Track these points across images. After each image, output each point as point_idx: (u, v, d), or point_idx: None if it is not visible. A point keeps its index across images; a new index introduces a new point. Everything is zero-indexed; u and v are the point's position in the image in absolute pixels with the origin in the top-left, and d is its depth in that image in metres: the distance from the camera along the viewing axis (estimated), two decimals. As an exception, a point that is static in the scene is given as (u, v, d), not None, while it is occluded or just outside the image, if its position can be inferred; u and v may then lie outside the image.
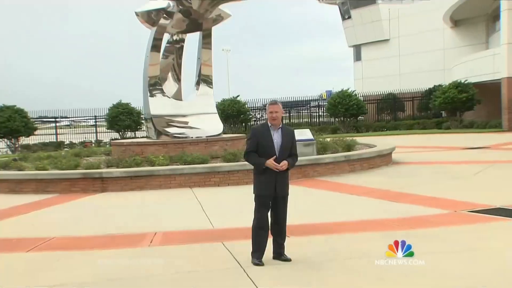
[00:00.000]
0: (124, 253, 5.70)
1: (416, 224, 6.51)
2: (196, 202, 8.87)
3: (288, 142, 4.98)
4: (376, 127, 31.71)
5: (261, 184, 4.87)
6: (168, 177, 10.66)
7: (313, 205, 8.29)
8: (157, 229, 6.77)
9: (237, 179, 10.71)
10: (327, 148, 13.23)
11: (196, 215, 7.76)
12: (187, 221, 7.31)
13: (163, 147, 13.23)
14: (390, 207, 7.69)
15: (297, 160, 5.16)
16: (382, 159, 13.15)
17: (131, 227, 6.99)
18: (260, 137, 4.90)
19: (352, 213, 7.39)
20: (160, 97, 14.61)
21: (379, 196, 8.67)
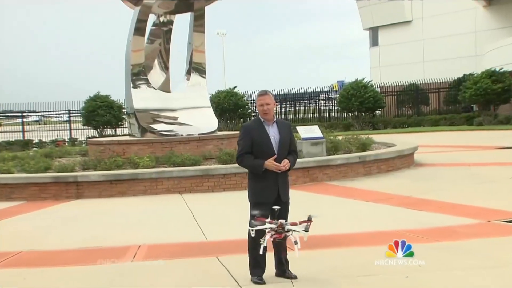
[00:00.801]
0: (102, 270, 5.71)
1: (441, 235, 6.52)
2: (187, 210, 8.88)
3: (286, 137, 4.96)
4: (396, 123, 31.76)
5: (261, 190, 4.85)
6: (154, 181, 10.67)
7: (321, 214, 8.29)
8: (141, 241, 6.78)
9: (234, 183, 10.72)
10: (339, 147, 13.25)
11: (186, 225, 7.77)
12: (176, 232, 7.32)
13: (148, 147, 13.24)
14: (411, 216, 7.70)
15: (297, 157, 5.16)
16: (402, 160, 13.17)
17: (111, 239, 7.01)
18: (255, 135, 4.85)
19: (367, 223, 7.40)
20: (144, 89, 14.64)
21: (399, 203, 8.69)
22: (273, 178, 4.84)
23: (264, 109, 4.85)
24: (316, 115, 37.09)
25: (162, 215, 8.67)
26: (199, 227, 7.55)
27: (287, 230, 4.54)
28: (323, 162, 11.66)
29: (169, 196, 10.42)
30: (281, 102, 36.53)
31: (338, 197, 9.69)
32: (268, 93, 4.95)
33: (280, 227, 4.53)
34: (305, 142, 12.57)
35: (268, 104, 4.86)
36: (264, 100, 4.88)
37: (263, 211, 4.89)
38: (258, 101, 4.91)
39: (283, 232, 4.54)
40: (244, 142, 4.86)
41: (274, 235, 4.52)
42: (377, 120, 32.33)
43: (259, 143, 4.81)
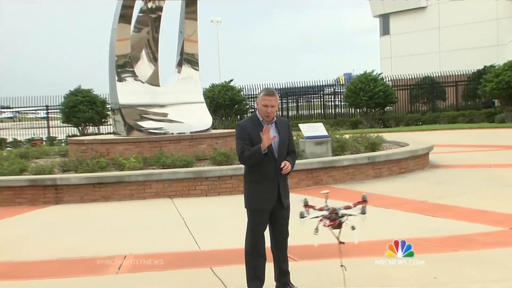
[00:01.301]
0: (84, 283, 5.71)
1: (458, 244, 6.53)
2: (178, 217, 8.88)
3: (285, 137, 4.96)
4: (409, 120, 31.80)
5: (259, 194, 4.85)
6: (141, 184, 10.68)
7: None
8: (127, 251, 6.78)
9: (229, 187, 10.73)
10: (346, 147, 13.27)
11: (177, 233, 7.77)
12: (166, 241, 7.32)
13: (135, 146, 13.24)
14: (426, 223, 7.71)
15: (296, 158, 5.17)
16: (416, 161, 13.19)
17: (93, 249, 7.01)
18: (252, 134, 4.83)
19: (377, 230, 7.41)
20: (131, 82, 14.64)
21: (412, 209, 8.70)
22: (274, 181, 4.83)
23: (268, 111, 4.84)
24: (320, 112, 37.13)
25: (150, 222, 8.67)
26: (191, 235, 7.55)
27: (341, 216, 4.54)
28: (328, 163, 11.67)
29: (158, 200, 10.43)
30: (282, 97, 36.53)
31: (345, 202, 9.69)
32: (275, 94, 4.94)
33: (333, 213, 4.54)
34: (308, 141, 12.58)
35: (273, 107, 4.86)
36: (270, 101, 4.83)
37: (263, 219, 4.89)
38: (262, 100, 4.86)
39: (337, 219, 4.52)
40: (243, 139, 4.85)
41: (328, 223, 4.51)
42: (388, 117, 32.36)
43: (257, 143, 4.79)
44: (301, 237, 6.71)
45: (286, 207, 4.96)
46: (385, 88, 31.35)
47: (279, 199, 4.87)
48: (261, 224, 4.90)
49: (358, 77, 32.57)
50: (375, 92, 30.76)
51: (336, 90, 38.50)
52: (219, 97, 30.83)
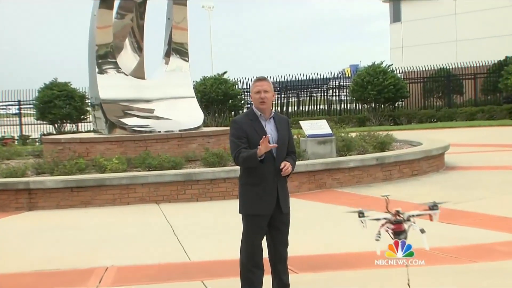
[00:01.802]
0: (61, 297, 5.70)
1: (477, 255, 6.54)
2: (166, 224, 8.88)
3: (285, 135, 4.95)
4: (422, 117, 31.83)
5: (256, 197, 4.84)
6: (125, 188, 10.67)
7: (330, 228, 8.31)
8: (109, 262, 6.77)
9: (223, 191, 10.74)
10: (352, 146, 13.28)
11: (165, 242, 7.76)
12: (153, 251, 7.32)
13: (118, 146, 13.23)
14: (441, 231, 7.71)
15: (296, 158, 5.16)
16: (430, 162, 13.21)
17: (71, 260, 7.00)
18: (249, 131, 4.83)
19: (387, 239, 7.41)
20: (113, 74, 14.62)
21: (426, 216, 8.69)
22: (271, 183, 4.83)
23: (262, 96, 4.83)
24: (324, 107, 37.12)
25: (134, 230, 8.66)
26: (181, 244, 7.54)
27: (407, 218, 4.48)
28: (332, 165, 11.68)
29: (144, 206, 10.42)
30: (281, 91, 36.51)
31: (350, 208, 9.68)
32: (267, 80, 4.97)
33: (397, 215, 4.47)
34: (310, 140, 12.59)
35: (267, 92, 4.85)
36: (262, 86, 4.86)
37: (260, 226, 4.89)
38: (254, 87, 4.89)
39: (402, 222, 4.46)
40: (238, 138, 4.83)
41: (392, 227, 4.46)
42: (399, 113, 32.38)
43: (254, 141, 4.79)
44: (301, 246, 6.73)
45: (286, 212, 4.95)
46: (396, 81, 31.35)
47: (278, 204, 4.87)
48: (258, 231, 4.89)
49: (365, 69, 32.56)
50: (385, 86, 30.76)
51: (341, 83, 38.47)
52: (211, 91, 30.81)
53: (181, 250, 7.26)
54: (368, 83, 31.05)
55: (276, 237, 4.95)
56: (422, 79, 35.89)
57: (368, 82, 31.06)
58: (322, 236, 7.82)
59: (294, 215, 5.07)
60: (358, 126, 29.29)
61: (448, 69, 35.91)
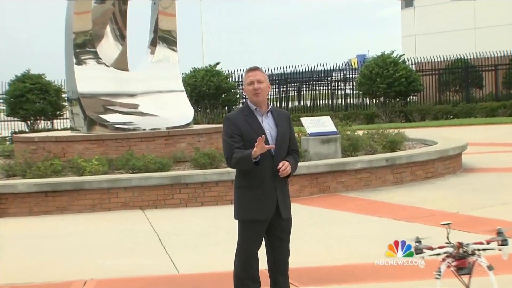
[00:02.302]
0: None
1: (500, 266, 6.45)
2: (151, 232, 8.87)
3: (285, 132, 4.92)
4: (437, 113, 31.84)
5: (253, 202, 4.85)
6: (106, 192, 10.66)
7: (334, 236, 8.31)
8: (87, 275, 6.76)
9: (215, 195, 10.73)
10: (359, 146, 13.28)
11: (151, 252, 7.76)
12: (137, 262, 7.31)
13: (98, 145, 13.20)
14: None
15: (299, 159, 5.14)
16: (446, 163, 13.22)
17: (45, 273, 6.97)
18: (244, 129, 4.81)
19: (398, 249, 7.42)
20: (92, 66, 14.59)
21: (441, 223, 8.70)
22: (269, 185, 4.81)
23: (255, 87, 4.81)
24: (327, 102, 37.12)
25: (116, 239, 8.64)
26: (168, 255, 7.54)
27: (471, 253, 4.33)
28: (337, 166, 11.67)
29: (127, 212, 10.40)
30: (280, 84, 36.51)
31: (357, 214, 9.70)
32: (260, 69, 4.94)
33: (460, 248, 4.34)
34: (312, 139, 12.59)
35: (261, 82, 4.83)
36: (255, 76, 4.84)
37: (257, 234, 4.88)
38: (246, 78, 4.88)
39: (466, 257, 4.30)
40: (232, 137, 4.81)
41: (454, 262, 4.31)
42: (412, 108, 32.39)
43: (250, 139, 4.76)
44: (302, 256, 6.72)
45: (286, 218, 4.92)
46: (408, 73, 31.33)
47: (277, 209, 4.85)
48: (255, 240, 4.88)
49: (374, 60, 32.53)
50: (395, 78, 30.74)
51: (347, 75, 38.50)
52: (202, 84, 30.77)
53: (169, 261, 7.24)
54: (377, 75, 31.03)
55: (275, 246, 4.94)
56: (437, 70, 35.91)
57: (377, 74, 31.04)
58: (325, 245, 7.81)
59: (295, 221, 5.06)
60: (365, 123, 29.29)
61: (466, 59, 35.92)
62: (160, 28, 15.27)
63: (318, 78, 38.22)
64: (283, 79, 36.90)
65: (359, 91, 33.81)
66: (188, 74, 31.75)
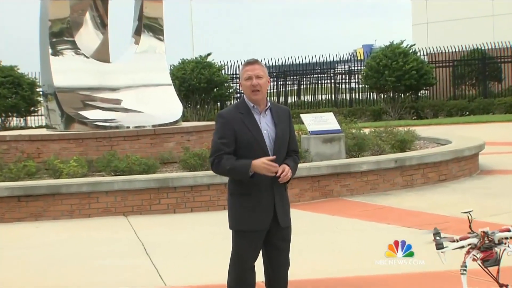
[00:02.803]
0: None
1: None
2: (136, 241, 8.87)
3: (285, 132, 4.90)
4: (452, 109, 31.88)
5: (249, 209, 4.81)
6: (85, 197, 10.64)
7: (338, 245, 8.32)
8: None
9: (207, 200, 10.73)
10: (365, 146, 13.29)
11: (135, 263, 7.74)
12: (120, 275, 7.30)
13: (76, 145, 13.19)
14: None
15: (299, 161, 5.12)
16: (461, 164, 13.23)
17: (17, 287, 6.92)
18: (238, 128, 4.78)
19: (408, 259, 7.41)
20: (70, 57, 14.57)
21: (456, 231, 8.66)
22: (268, 193, 4.79)
23: (254, 84, 4.76)
24: (330, 97, 37.14)
25: (97, 249, 8.62)
26: (154, 266, 7.53)
27: (499, 242, 4.25)
28: (341, 168, 11.66)
29: (109, 219, 10.38)
30: (278, 77, 36.50)
31: (363, 221, 9.70)
32: (259, 62, 4.89)
33: (485, 239, 4.25)
34: (314, 138, 12.59)
35: (260, 78, 4.79)
36: (253, 70, 4.80)
37: (253, 244, 4.87)
38: (243, 73, 4.82)
39: (493, 247, 4.22)
40: (222, 138, 4.79)
41: (480, 254, 4.22)
42: (423, 104, 32.43)
43: (246, 141, 4.76)
44: (302, 268, 6.72)
45: (285, 227, 4.91)
46: (419, 65, 31.36)
47: (276, 217, 4.83)
48: (250, 251, 4.87)
49: (382, 50, 32.55)
50: (406, 71, 30.76)
51: (352, 68, 38.55)
52: (192, 77, 30.76)
53: (155, 273, 7.23)
54: (385, 68, 31.05)
55: (274, 257, 4.93)
56: (452, 62, 35.93)
57: (385, 66, 31.06)
58: (328, 255, 7.82)
59: (294, 229, 5.06)
60: (372, 121, 29.33)
61: (484, 50, 35.92)
62: (145, 15, 15.25)
63: (320, 70, 38.23)
64: (282, 72, 36.91)
65: (365, 85, 33.86)
66: (177, 66, 31.76)
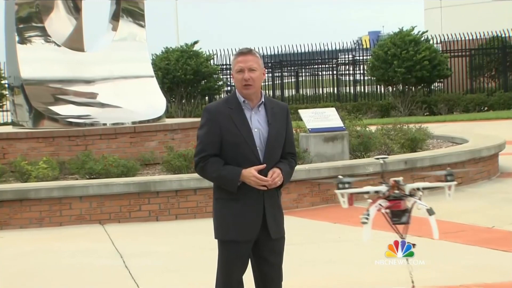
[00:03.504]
0: None
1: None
2: (114, 253, 8.87)
3: (279, 131, 4.88)
4: (469, 104, 31.86)
5: (235, 217, 4.82)
6: (57, 203, 10.62)
7: (340, 257, 8.32)
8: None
9: (193, 206, 10.74)
10: (371, 145, 13.32)
11: (113, 278, 7.75)
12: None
13: (46, 144, 13.16)
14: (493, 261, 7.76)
15: (296, 164, 5.11)
16: (479, 166, 13.23)
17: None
18: (226, 125, 4.77)
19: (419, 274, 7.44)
20: (39, 45, 14.54)
21: (473, 240, 8.74)
22: (255, 199, 4.78)
23: (246, 78, 4.75)
24: (332, 91, 37.14)
25: (69, 262, 8.60)
26: (134, 281, 7.53)
27: (410, 193, 4.35)
28: (344, 170, 11.60)
29: (83, 228, 10.37)
30: (274, 68, 36.48)
31: (370, 230, 9.71)
32: (254, 53, 4.86)
33: (395, 188, 4.32)
34: (314, 137, 12.59)
35: (253, 71, 4.77)
36: (246, 62, 4.77)
37: (240, 256, 4.87)
38: (235, 64, 4.80)
39: (403, 198, 4.31)
40: (208, 136, 4.80)
41: (388, 204, 4.31)
42: (436, 98, 32.39)
43: (232, 140, 4.77)
44: (298, 283, 6.75)
45: (276, 238, 4.89)
46: (432, 54, 31.33)
47: (265, 226, 4.83)
48: (237, 263, 4.89)
49: (390, 38, 32.51)
50: (417, 61, 30.73)
51: (357, 57, 38.51)
52: (177, 68, 30.69)
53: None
54: (393, 57, 31.03)
55: (265, 272, 4.94)
56: (468, 51, 35.93)
57: (394, 55, 31.04)
58: (329, 268, 7.83)
59: (291, 239, 5.08)
60: (379, 117, 29.31)
61: (504, 37, 35.95)
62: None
63: (320, 60, 38.20)
64: (278, 62, 36.87)
65: (372, 77, 33.82)
66: (160, 55, 31.69)
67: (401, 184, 4.29)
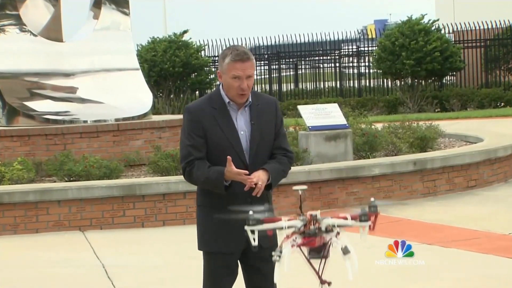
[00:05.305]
0: None
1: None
2: (95, 263, 8.87)
3: (265, 128, 4.89)
4: (483, 100, 31.90)
5: (218, 228, 4.84)
6: (33, 207, 10.62)
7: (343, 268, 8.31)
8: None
9: (182, 211, 10.76)
10: (377, 144, 13.32)
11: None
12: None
13: (21, 143, 13.16)
14: (510, 270, 7.76)
15: (291, 162, 5.08)
16: (495, 167, 13.27)
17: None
18: (210, 127, 4.79)
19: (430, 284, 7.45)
20: (14, 34, 14.54)
21: (489, 248, 8.74)
22: (241, 204, 4.60)
23: (244, 87, 4.75)
24: (334, 85, 37.15)
25: (46, 272, 8.60)
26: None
27: (326, 229, 4.29)
28: (347, 172, 11.68)
29: (62, 235, 10.38)
30: (271, 60, 36.45)
31: (375, 237, 9.67)
32: (252, 58, 4.84)
33: (312, 223, 4.26)
34: (314, 135, 12.59)
35: (250, 78, 4.78)
36: (245, 69, 4.74)
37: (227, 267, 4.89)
38: (232, 68, 4.75)
39: (317, 235, 4.25)
40: (190, 139, 4.81)
41: (302, 241, 4.28)
42: (448, 93, 32.43)
43: (216, 143, 4.79)
44: None
45: (267, 247, 4.86)
46: (444, 45, 31.35)
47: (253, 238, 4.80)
48: (224, 276, 4.93)
49: (398, 27, 32.55)
50: (427, 52, 30.77)
51: (362, 48, 38.55)
52: (165, 60, 30.70)
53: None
54: (401, 48, 31.06)
55: (256, 281, 4.98)
56: (483, 42, 35.99)
57: (402, 46, 31.07)
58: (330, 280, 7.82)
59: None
60: (386, 114, 29.33)
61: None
62: (106, -17, 15.26)
63: (322, 52, 38.21)
64: (275, 54, 36.86)
65: (378, 70, 33.85)
66: (146, 46, 31.70)
67: (318, 218, 4.28)
